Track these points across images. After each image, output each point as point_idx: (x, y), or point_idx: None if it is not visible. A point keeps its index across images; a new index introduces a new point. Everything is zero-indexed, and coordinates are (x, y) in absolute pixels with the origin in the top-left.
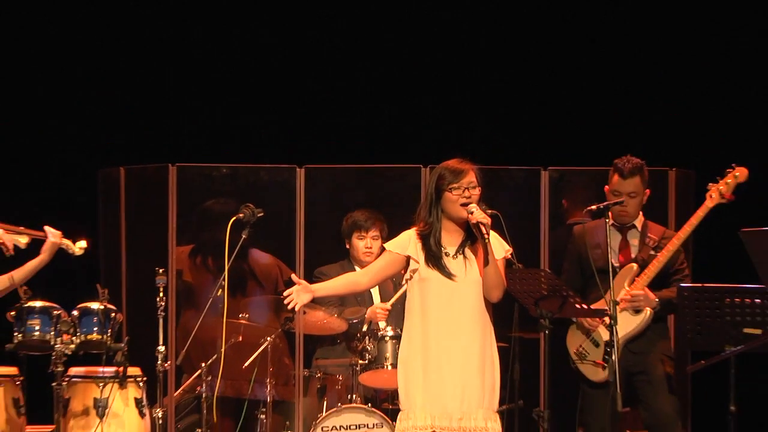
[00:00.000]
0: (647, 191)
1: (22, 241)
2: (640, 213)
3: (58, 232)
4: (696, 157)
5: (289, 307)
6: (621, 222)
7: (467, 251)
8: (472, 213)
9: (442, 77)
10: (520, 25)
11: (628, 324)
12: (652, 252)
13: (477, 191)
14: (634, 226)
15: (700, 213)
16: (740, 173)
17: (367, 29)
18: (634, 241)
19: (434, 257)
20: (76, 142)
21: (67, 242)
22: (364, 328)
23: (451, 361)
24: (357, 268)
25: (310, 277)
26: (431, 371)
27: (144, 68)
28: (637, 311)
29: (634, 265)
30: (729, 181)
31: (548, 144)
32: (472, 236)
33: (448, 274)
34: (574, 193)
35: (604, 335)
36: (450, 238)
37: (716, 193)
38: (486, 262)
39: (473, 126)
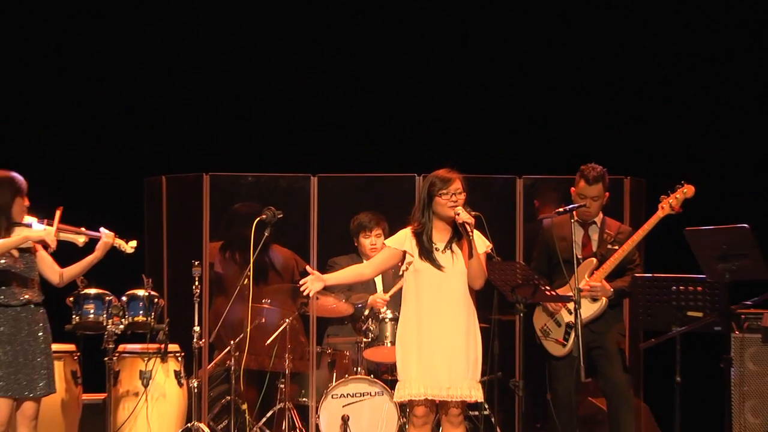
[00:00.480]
0: (607, 194)
1: (80, 240)
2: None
3: (111, 233)
4: (646, 166)
5: (305, 293)
6: (583, 219)
7: (454, 246)
8: (458, 214)
9: (434, 99)
10: (498, 54)
11: (587, 310)
12: (610, 246)
13: (462, 196)
14: (594, 223)
15: (653, 221)
16: (688, 190)
17: (370, 60)
18: (594, 236)
19: (426, 251)
20: (126, 155)
21: (120, 242)
22: (366, 312)
23: (440, 339)
24: (364, 260)
25: (323, 268)
26: (424, 348)
27: (184, 91)
28: (594, 300)
29: (594, 260)
30: (678, 195)
31: (522, 155)
32: (458, 234)
33: (438, 266)
34: (545, 193)
35: (566, 317)
36: (440, 236)
37: (667, 205)
38: (470, 256)
39: (459, 140)
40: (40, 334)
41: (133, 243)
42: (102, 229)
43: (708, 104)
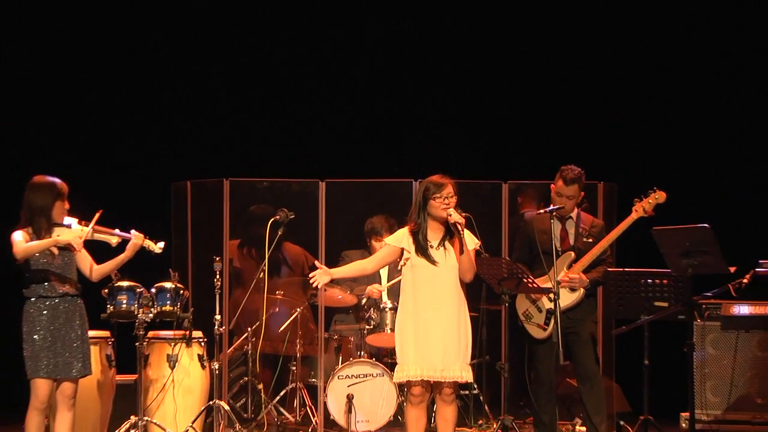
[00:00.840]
0: (582, 193)
1: (113, 240)
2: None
3: (141, 235)
4: (618, 172)
5: (314, 285)
6: (560, 214)
7: (447, 244)
8: (450, 215)
9: (429, 112)
10: (486, 73)
11: (566, 299)
12: (585, 239)
13: (454, 199)
14: (570, 218)
15: (627, 223)
16: (660, 196)
17: (371, 79)
18: (571, 230)
19: (422, 248)
20: (154, 162)
21: (149, 243)
22: (363, 301)
23: (435, 327)
24: None
25: (331, 263)
26: (420, 334)
27: (206, 103)
28: (572, 290)
29: (572, 253)
30: (651, 200)
31: (507, 163)
32: (450, 232)
33: (433, 261)
34: (526, 191)
35: (547, 304)
36: (434, 234)
37: (641, 208)
38: (461, 252)
39: (451, 148)
40: (77, 322)
41: (161, 244)
42: (133, 231)
43: (673, 116)
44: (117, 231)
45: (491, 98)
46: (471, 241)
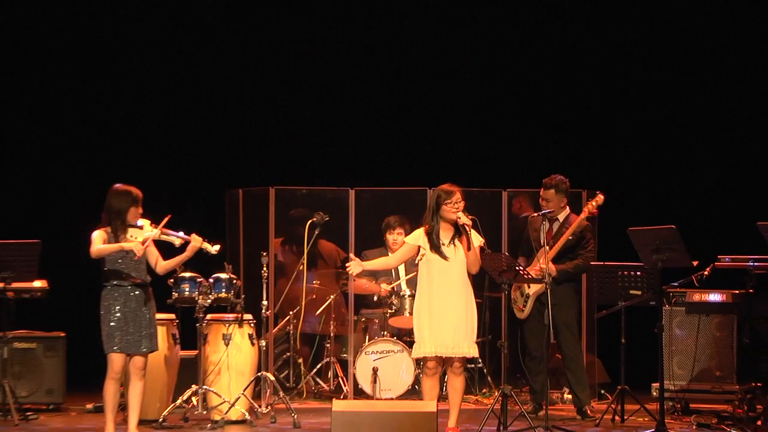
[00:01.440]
0: (565, 199)
1: (177, 242)
2: (567, 208)
3: (200, 239)
4: (601, 181)
5: (349, 273)
6: (550, 216)
7: (456, 242)
8: (459, 218)
9: (440, 130)
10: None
11: (534, 287)
12: (569, 237)
13: (462, 204)
14: (558, 219)
15: (577, 222)
16: (599, 198)
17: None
18: (555, 229)
19: (435, 246)
20: (211, 172)
21: (206, 245)
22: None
23: (446, 311)
24: (389, 252)
25: (359, 257)
26: (434, 317)
27: (254, 119)
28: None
29: (547, 247)
30: (593, 203)
31: (507, 172)
32: (459, 232)
33: (444, 257)
34: (520, 197)
35: (526, 290)
36: (445, 234)
37: (586, 210)
38: (468, 249)
39: (459, 161)
40: (146, 306)
41: (217, 247)
42: (193, 234)
43: (647, 135)
44: (181, 234)
45: (494, 117)
46: (476, 240)
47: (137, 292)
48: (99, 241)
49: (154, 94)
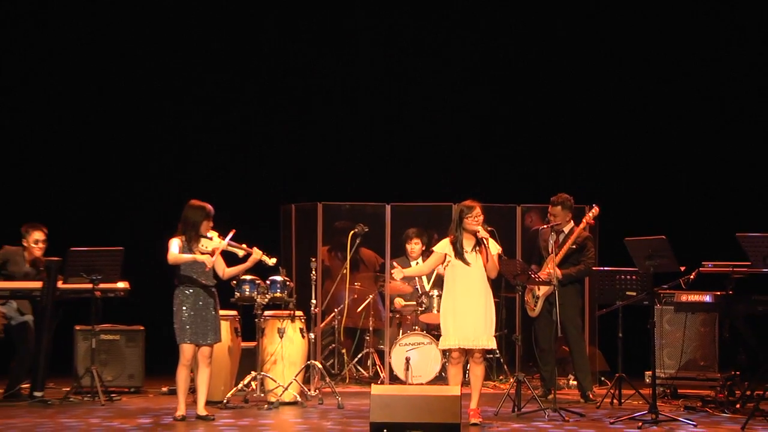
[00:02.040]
0: (570, 213)
1: (240, 253)
2: (572, 222)
3: (260, 252)
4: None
5: (393, 276)
6: (556, 228)
7: (476, 250)
8: (478, 232)
9: (462, 153)
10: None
11: (542, 289)
12: (571, 246)
13: (481, 218)
14: (563, 231)
15: (576, 232)
16: (595, 210)
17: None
18: (560, 239)
19: (459, 254)
20: (268, 189)
21: (265, 258)
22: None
23: (468, 309)
24: (409, 260)
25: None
26: (458, 314)
27: (303, 142)
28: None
29: (554, 255)
30: (590, 214)
31: (521, 190)
32: (479, 242)
33: (467, 263)
34: (532, 212)
35: (536, 292)
36: (467, 243)
37: (585, 221)
38: (486, 259)
39: (479, 180)
40: (212, 305)
41: (273, 260)
42: (254, 248)
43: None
44: (244, 246)
45: (510, 143)
46: (494, 248)
47: (205, 293)
48: (176, 249)
49: (223, 125)
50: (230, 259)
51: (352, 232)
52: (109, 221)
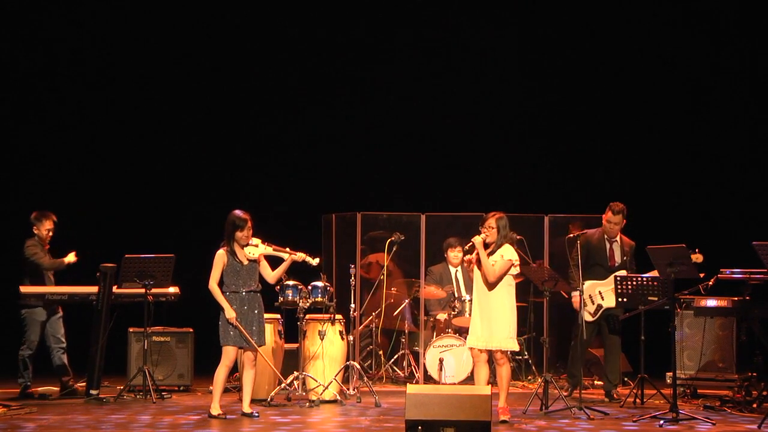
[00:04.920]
0: (624, 221)
1: (285, 257)
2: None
3: (303, 254)
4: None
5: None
6: (609, 237)
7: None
8: (473, 240)
9: (494, 166)
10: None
11: (610, 302)
12: (623, 258)
13: (491, 229)
14: (616, 241)
15: (628, 243)
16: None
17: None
18: (617, 251)
19: (477, 261)
20: (311, 201)
21: (308, 258)
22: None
23: (479, 312)
24: (450, 267)
25: (426, 272)
26: (474, 317)
27: (344, 155)
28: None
29: (625, 271)
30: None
31: (548, 201)
32: (470, 249)
33: (479, 268)
34: (575, 223)
35: (597, 300)
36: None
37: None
38: (478, 263)
39: (509, 191)
40: (256, 309)
41: (317, 260)
42: (299, 252)
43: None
44: (287, 249)
45: (538, 157)
46: (509, 254)
47: (250, 298)
48: (216, 270)
49: (270, 139)
50: (274, 262)
51: (389, 240)
52: (162, 230)
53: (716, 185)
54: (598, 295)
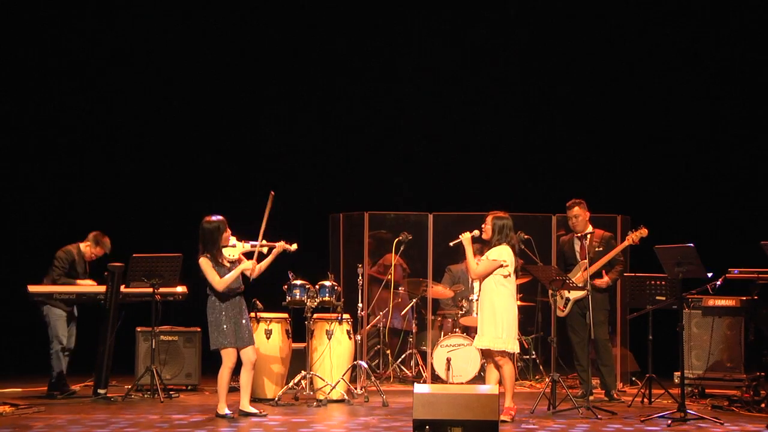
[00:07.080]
0: (586, 214)
1: (265, 250)
2: (590, 226)
3: (282, 243)
4: (633, 207)
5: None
6: (576, 232)
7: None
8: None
9: (501, 166)
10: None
11: (574, 294)
12: (596, 249)
13: (486, 227)
14: (585, 236)
15: (621, 246)
16: (643, 231)
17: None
18: (585, 245)
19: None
20: (319, 200)
21: (286, 246)
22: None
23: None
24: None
25: (436, 271)
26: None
27: (351, 155)
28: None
29: (585, 261)
30: (638, 234)
31: (556, 200)
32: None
33: None
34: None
35: (566, 294)
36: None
37: (630, 239)
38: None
39: (516, 190)
40: (244, 310)
41: (294, 245)
42: (278, 242)
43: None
44: (264, 242)
45: (545, 155)
46: (495, 255)
47: (237, 299)
48: (213, 272)
49: (278, 139)
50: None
51: (396, 239)
52: (170, 229)
53: (724, 185)
54: (565, 291)
